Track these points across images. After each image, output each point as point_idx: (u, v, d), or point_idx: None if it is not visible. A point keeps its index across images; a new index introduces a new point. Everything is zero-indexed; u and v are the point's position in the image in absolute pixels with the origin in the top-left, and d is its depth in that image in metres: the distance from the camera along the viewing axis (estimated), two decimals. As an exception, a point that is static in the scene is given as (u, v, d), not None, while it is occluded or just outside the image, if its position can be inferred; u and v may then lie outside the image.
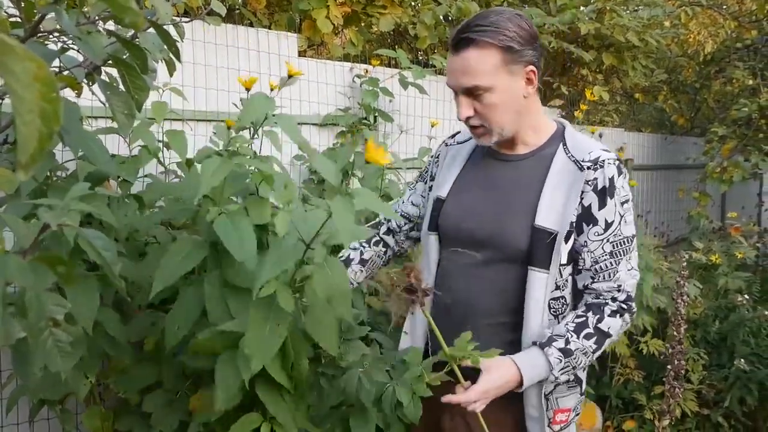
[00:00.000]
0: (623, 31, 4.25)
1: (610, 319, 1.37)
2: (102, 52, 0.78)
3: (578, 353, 1.34)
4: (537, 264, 1.37)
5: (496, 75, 1.33)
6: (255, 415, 1.48)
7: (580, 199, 1.36)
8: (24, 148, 0.34)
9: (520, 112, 1.40)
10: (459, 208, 1.49)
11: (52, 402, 1.88)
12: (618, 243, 1.37)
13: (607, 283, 1.38)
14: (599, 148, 1.40)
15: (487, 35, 1.31)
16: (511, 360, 1.32)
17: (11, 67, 0.33)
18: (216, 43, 2.58)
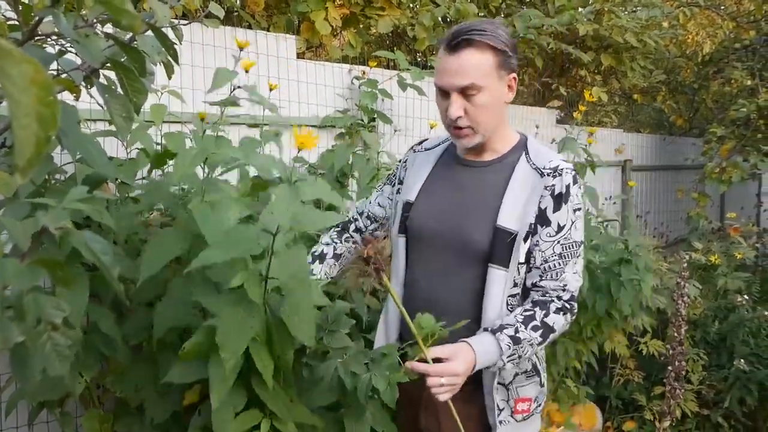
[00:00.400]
0: (621, 32, 4.25)
1: (554, 315, 1.45)
2: (100, 55, 0.78)
3: (525, 343, 1.41)
4: (497, 262, 1.46)
5: (490, 76, 1.42)
6: (255, 412, 1.49)
7: (539, 202, 1.46)
8: (21, 152, 0.34)
9: (500, 118, 1.50)
10: (426, 211, 1.57)
11: (52, 405, 1.88)
12: (567, 246, 1.48)
13: (553, 282, 1.48)
14: (559, 158, 1.51)
15: (485, 37, 1.40)
16: (469, 346, 1.37)
17: (8, 71, 0.33)
18: (215, 45, 2.58)
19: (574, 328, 2.92)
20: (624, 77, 4.84)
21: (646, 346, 3.27)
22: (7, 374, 2.06)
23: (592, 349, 3.01)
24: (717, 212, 6.13)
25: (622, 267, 2.80)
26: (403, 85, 2.97)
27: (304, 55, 3.47)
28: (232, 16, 3.25)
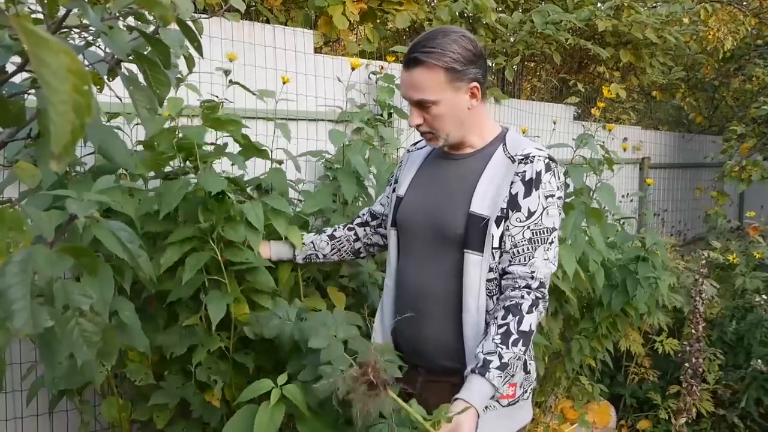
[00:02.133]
0: (641, 28, 4.21)
1: (528, 316, 1.47)
2: (127, 46, 0.79)
3: (512, 361, 1.43)
4: (472, 247, 1.52)
5: (441, 91, 1.49)
6: (266, 381, 1.58)
7: (510, 187, 1.51)
8: (58, 139, 0.35)
9: (463, 122, 1.56)
10: (412, 204, 1.66)
11: (71, 393, 1.91)
12: (537, 231, 1.51)
13: (522, 267, 1.50)
14: (533, 147, 1.56)
15: (432, 57, 1.47)
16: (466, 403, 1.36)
17: (46, 60, 0.34)
18: (233, 40, 2.59)
19: (590, 325, 2.91)
20: (643, 74, 4.79)
21: (661, 344, 3.25)
22: (27, 363, 2.09)
23: (607, 346, 2.99)
24: (736, 211, 6.06)
25: (638, 265, 2.78)
26: (420, 81, 2.97)
27: (321, 50, 3.47)
28: (251, 11, 3.27)
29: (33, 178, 1.12)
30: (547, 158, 1.53)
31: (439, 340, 1.59)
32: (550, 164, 1.53)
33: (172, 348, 1.83)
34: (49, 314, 0.56)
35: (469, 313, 1.54)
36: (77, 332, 0.61)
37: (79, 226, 1.35)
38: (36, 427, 2.18)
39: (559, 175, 1.56)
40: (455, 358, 1.57)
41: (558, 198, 1.54)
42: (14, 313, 0.52)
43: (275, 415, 1.53)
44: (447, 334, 1.58)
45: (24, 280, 0.54)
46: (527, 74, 5.15)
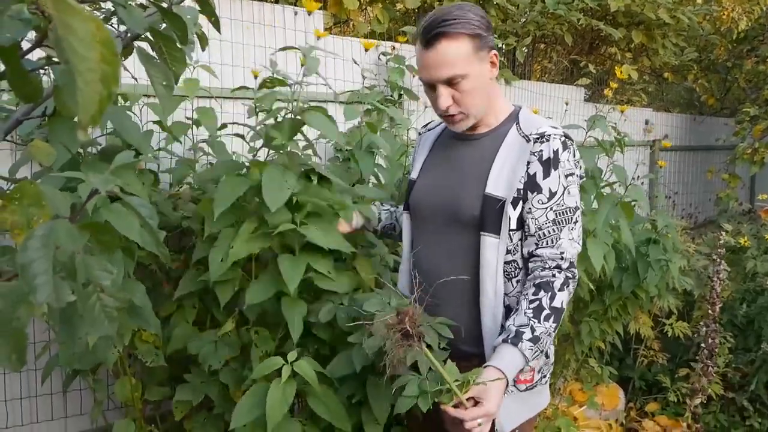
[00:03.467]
0: (654, 8, 4.15)
1: (560, 293, 1.45)
2: (144, 22, 0.79)
3: (543, 336, 1.42)
4: (488, 229, 1.49)
5: (470, 62, 1.45)
6: (277, 358, 1.60)
7: (527, 167, 1.47)
8: (85, 108, 0.35)
9: (488, 95, 1.52)
10: (424, 185, 1.64)
11: (85, 372, 1.93)
12: (561, 212, 1.48)
13: (550, 249, 1.48)
14: (547, 125, 1.51)
15: (458, 26, 1.42)
16: (497, 369, 1.36)
17: (74, 27, 0.33)
18: (242, 20, 2.58)
19: (599, 308, 2.90)
20: (655, 55, 4.73)
21: (671, 327, 3.24)
22: (42, 342, 2.11)
23: (616, 329, 2.98)
24: (747, 194, 6.02)
25: (649, 247, 2.76)
26: (431, 61, 2.94)
27: (331, 31, 3.45)
28: (260, -9, 3.23)
29: (48, 156, 1.12)
30: (563, 136, 1.50)
31: (456, 321, 1.55)
32: (567, 142, 1.50)
33: (210, 360, 1.81)
34: (70, 289, 0.57)
35: (486, 296, 1.51)
36: (98, 307, 0.61)
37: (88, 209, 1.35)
38: (50, 405, 2.20)
39: (576, 152, 1.53)
40: (473, 342, 1.55)
41: (577, 176, 1.52)
42: (37, 287, 0.53)
43: (287, 391, 1.55)
44: (464, 317, 1.55)
45: (46, 255, 0.54)
46: (538, 55, 5.10)
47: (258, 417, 1.56)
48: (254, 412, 1.57)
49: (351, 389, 1.75)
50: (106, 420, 2.13)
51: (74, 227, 0.59)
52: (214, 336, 1.84)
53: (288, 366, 1.58)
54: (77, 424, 2.25)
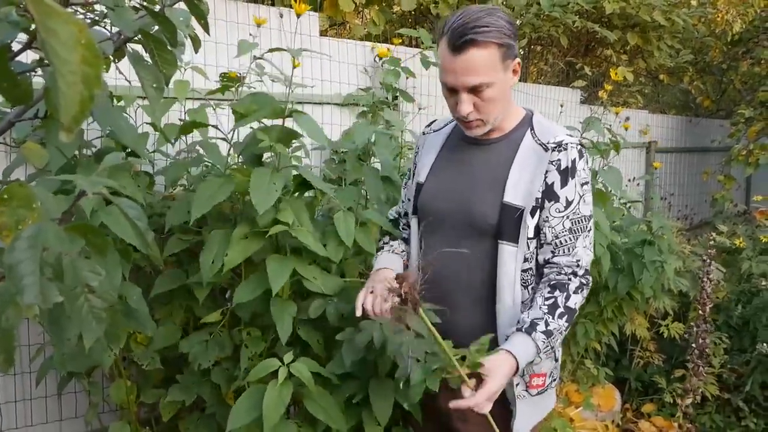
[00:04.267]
0: (649, 10, 4.17)
1: (575, 295, 1.47)
2: (134, 24, 0.79)
3: (556, 332, 1.43)
4: (506, 238, 1.48)
5: (496, 71, 1.42)
6: (273, 360, 1.60)
7: (545, 177, 1.47)
8: (67, 110, 0.35)
9: (507, 102, 1.51)
10: (434, 190, 1.60)
11: (80, 375, 1.93)
12: (577, 221, 1.49)
13: (566, 257, 1.49)
14: (563, 133, 1.51)
15: (489, 35, 1.39)
16: (509, 353, 1.37)
17: (55, 30, 0.33)
18: (238, 23, 2.58)
19: (595, 309, 2.91)
20: (650, 57, 4.74)
21: (667, 328, 3.25)
22: (36, 345, 2.11)
23: (612, 330, 2.99)
24: (743, 195, 6.03)
25: (644, 248, 2.77)
26: (426, 63, 2.95)
27: (326, 33, 3.45)
28: (255, -7, 3.24)
29: (41, 158, 1.12)
30: (579, 144, 1.49)
31: (469, 328, 1.52)
32: (582, 150, 1.50)
33: (200, 359, 1.81)
34: (58, 290, 0.57)
35: (502, 303, 1.49)
36: (86, 308, 0.62)
37: (86, 210, 1.36)
38: (45, 408, 2.20)
39: (588, 160, 1.53)
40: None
41: (590, 184, 1.52)
42: (24, 288, 0.53)
43: (283, 392, 1.55)
44: (477, 324, 1.52)
45: (33, 256, 0.54)
46: (534, 57, 5.11)
47: (255, 419, 1.56)
48: (251, 415, 1.57)
49: (352, 389, 1.75)
50: (101, 423, 2.13)
51: (62, 229, 0.60)
52: (205, 335, 1.85)
53: (284, 368, 1.58)
54: (72, 426, 2.25)
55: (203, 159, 1.91)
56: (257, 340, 1.79)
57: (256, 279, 1.71)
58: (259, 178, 1.58)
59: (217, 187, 1.63)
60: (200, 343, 1.83)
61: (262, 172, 1.60)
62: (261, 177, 1.58)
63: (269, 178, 1.57)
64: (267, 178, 1.57)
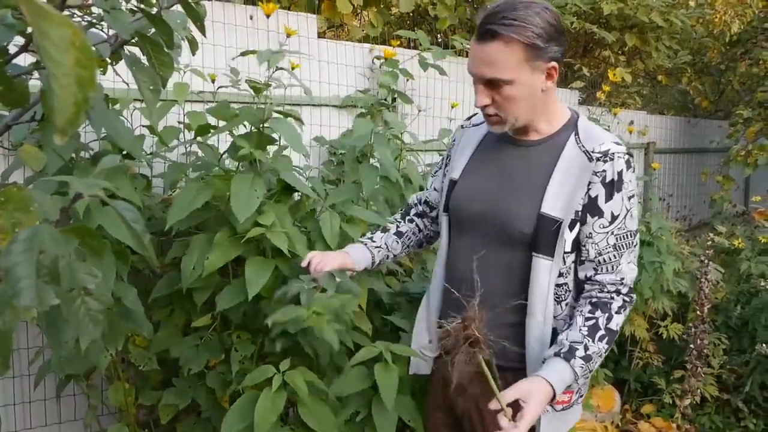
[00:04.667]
0: (647, 11, 4.17)
1: (617, 316, 1.39)
2: (130, 27, 0.79)
3: (595, 356, 1.37)
4: (541, 251, 1.39)
5: (518, 70, 1.32)
6: (268, 367, 1.60)
7: (587, 189, 1.37)
8: (61, 113, 0.35)
9: (536, 105, 1.40)
10: (469, 189, 1.51)
11: (78, 377, 1.93)
12: (622, 236, 1.39)
13: (610, 275, 1.40)
14: (610, 141, 1.40)
15: (513, 30, 1.29)
16: (545, 380, 1.32)
17: (48, 32, 0.33)
18: (236, 24, 2.58)
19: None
20: (648, 58, 4.75)
21: (666, 329, 3.25)
22: (35, 348, 2.11)
23: (611, 331, 2.99)
24: (741, 196, 6.04)
25: (643, 249, 2.77)
26: (424, 65, 2.95)
27: (325, 35, 3.45)
28: (253, -5, 3.24)
29: (37, 161, 1.12)
30: (627, 154, 1.39)
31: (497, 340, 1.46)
32: (630, 160, 1.39)
33: (190, 363, 1.81)
34: (54, 293, 0.57)
35: (534, 318, 1.42)
36: (83, 311, 0.62)
37: (79, 211, 1.36)
38: (44, 411, 2.20)
39: (635, 168, 1.42)
40: (511, 358, 1.44)
41: (636, 196, 1.43)
42: (21, 290, 0.53)
43: (277, 400, 1.54)
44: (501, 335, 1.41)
45: (30, 259, 0.54)
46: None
47: (248, 425, 1.55)
48: (244, 421, 1.56)
49: (355, 406, 1.75)
50: (100, 425, 2.13)
51: (58, 231, 0.60)
52: (197, 340, 1.85)
53: (279, 375, 1.57)
54: (71, 429, 2.25)
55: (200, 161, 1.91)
56: (247, 344, 1.79)
57: (239, 284, 1.70)
58: (239, 185, 1.57)
59: (195, 194, 1.62)
60: (192, 347, 1.83)
61: (242, 178, 1.59)
62: (242, 183, 1.58)
63: (250, 184, 1.56)
64: (248, 184, 1.57)
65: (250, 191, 1.56)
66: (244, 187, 1.57)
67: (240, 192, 1.56)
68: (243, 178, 1.59)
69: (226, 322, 1.88)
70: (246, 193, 1.56)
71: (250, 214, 1.55)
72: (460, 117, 3.30)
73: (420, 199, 1.79)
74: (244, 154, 1.61)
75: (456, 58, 3.33)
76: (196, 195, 1.62)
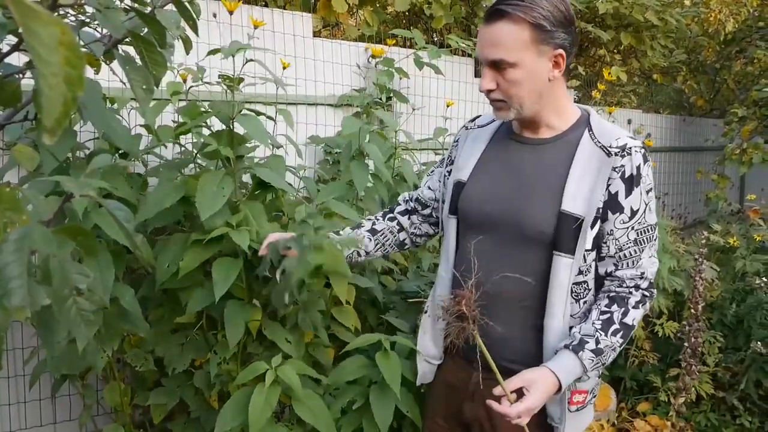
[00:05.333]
0: (642, 10, 4.18)
1: (634, 311, 1.39)
2: (122, 26, 0.79)
3: (607, 350, 1.36)
4: (562, 249, 1.37)
5: (523, 51, 1.32)
6: (261, 363, 1.60)
7: (607, 185, 1.36)
8: (49, 112, 0.35)
9: (542, 93, 1.38)
10: (480, 191, 1.49)
11: (74, 377, 1.92)
12: (642, 231, 1.39)
13: (630, 270, 1.40)
14: (626, 136, 1.40)
15: (520, 9, 1.30)
16: (551, 371, 1.33)
17: (36, 31, 0.33)
18: (231, 24, 2.58)
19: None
20: (644, 57, 4.76)
21: (661, 327, 3.25)
22: (29, 348, 2.10)
23: (607, 329, 2.99)
24: (736, 194, 6.06)
25: (639, 248, 2.77)
26: (420, 64, 2.95)
27: (320, 34, 3.45)
28: (249, -6, 3.24)
29: (31, 161, 1.11)
30: (642, 148, 1.39)
31: (508, 341, 1.44)
32: (646, 154, 1.39)
33: (174, 363, 1.81)
34: (46, 293, 0.57)
35: (554, 318, 1.39)
36: (74, 311, 0.61)
37: (77, 211, 1.35)
38: (39, 411, 2.19)
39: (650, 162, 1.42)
40: (525, 361, 1.41)
41: (653, 190, 1.42)
42: (11, 290, 0.53)
43: (270, 396, 1.54)
44: (520, 337, 1.44)
45: (21, 258, 0.54)
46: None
47: (242, 422, 1.56)
48: (238, 418, 1.56)
49: (352, 395, 1.75)
50: (95, 425, 2.12)
51: (49, 231, 0.59)
52: (182, 338, 1.84)
53: (272, 371, 1.58)
54: (66, 429, 2.24)
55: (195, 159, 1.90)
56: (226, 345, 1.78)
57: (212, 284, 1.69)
58: (206, 183, 1.57)
59: (166, 193, 1.62)
60: (176, 346, 1.82)
61: (210, 176, 1.59)
62: (209, 181, 1.58)
63: (219, 181, 1.56)
64: (216, 182, 1.57)
65: (217, 189, 1.56)
66: (211, 185, 1.57)
67: (205, 189, 1.56)
68: (211, 176, 1.59)
69: (213, 321, 1.87)
70: (211, 191, 1.56)
71: (214, 211, 1.54)
72: (455, 116, 3.31)
73: (411, 196, 1.76)
74: (210, 151, 1.61)
75: (451, 57, 3.33)
76: (169, 193, 1.62)
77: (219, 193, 1.55)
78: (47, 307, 0.58)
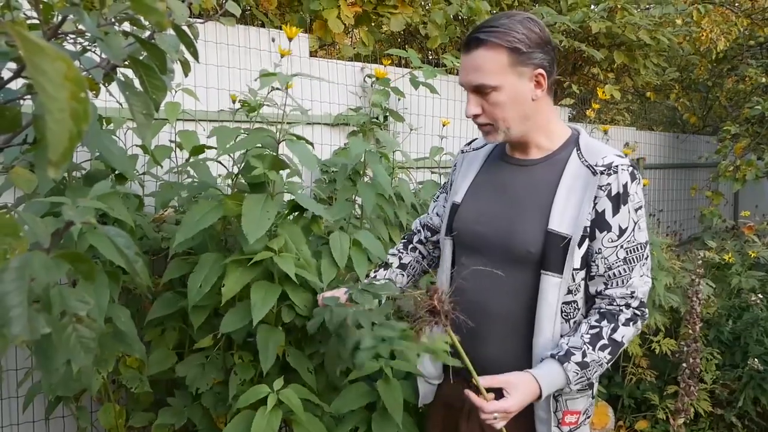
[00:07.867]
0: (635, 30, 4.23)
1: (624, 328, 1.38)
2: (122, 52, 0.79)
3: (594, 364, 1.36)
4: (550, 268, 1.38)
5: (503, 75, 1.36)
6: (263, 386, 1.59)
7: (594, 204, 1.37)
8: (55, 147, 0.35)
9: (527, 114, 1.41)
10: (472, 212, 1.52)
11: (68, 399, 1.91)
12: (632, 249, 1.39)
13: (620, 289, 1.40)
14: (613, 154, 1.41)
15: (495, 36, 1.34)
16: (532, 376, 1.34)
17: (42, 67, 0.34)
18: (228, 44, 2.60)
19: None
20: (637, 75, 4.80)
21: (659, 345, 3.25)
22: (24, 369, 2.09)
23: (604, 347, 2.98)
24: (731, 211, 6.09)
25: (635, 265, 2.78)
26: (416, 83, 2.97)
27: (316, 54, 3.48)
28: (246, 15, 3.27)
29: (28, 183, 1.11)
30: (630, 166, 1.39)
31: (500, 361, 1.44)
32: (635, 172, 1.39)
33: (198, 383, 1.79)
34: (45, 320, 0.57)
35: (542, 336, 1.40)
36: (74, 338, 0.61)
37: (74, 233, 1.35)
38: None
39: (641, 180, 1.42)
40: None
41: (644, 207, 1.42)
42: (12, 319, 0.52)
43: (272, 419, 1.54)
44: (510, 356, 1.45)
45: (21, 287, 0.54)
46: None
47: (244, 445, 1.55)
48: None
49: (355, 422, 1.74)
50: (89, 447, 2.10)
51: (49, 258, 0.59)
52: (201, 359, 1.83)
53: (273, 394, 1.57)
54: (60, 452, 2.22)
55: (195, 181, 1.91)
56: (247, 367, 1.77)
57: (244, 307, 1.69)
58: (251, 206, 1.56)
59: (206, 212, 1.61)
60: (197, 366, 1.81)
61: (254, 199, 1.58)
62: (254, 204, 1.56)
63: (262, 204, 1.55)
64: (260, 204, 1.56)
65: (262, 212, 1.54)
66: (256, 208, 1.56)
67: (251, 212, 1.54)
68: (255, 199, 1.58)
69: (229, 341, 1.87)
70: (257, 214, 1.54)
71: (261, 234, 1.53)
72: (451, 135, 3.32)
73: (423, 224, 1.79)
74: (257, 174, 1.60)
75: (447, 77, 3.35)
76: (206, 215, 1.61)
77: (264, 216, 1.54)
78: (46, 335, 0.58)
